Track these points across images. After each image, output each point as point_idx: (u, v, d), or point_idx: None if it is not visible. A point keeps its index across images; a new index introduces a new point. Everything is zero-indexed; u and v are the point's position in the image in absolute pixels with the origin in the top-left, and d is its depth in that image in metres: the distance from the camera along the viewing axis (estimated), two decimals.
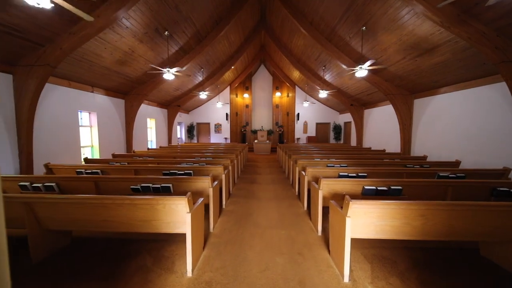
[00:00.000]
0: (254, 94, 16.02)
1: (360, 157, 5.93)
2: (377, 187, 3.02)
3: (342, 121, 13.53)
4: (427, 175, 3.93)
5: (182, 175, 3.87)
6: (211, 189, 3.15)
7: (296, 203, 4.38)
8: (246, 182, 6.21)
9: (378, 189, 2.99)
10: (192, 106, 14.04)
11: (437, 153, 6.02)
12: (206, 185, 3.17)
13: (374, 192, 2.99)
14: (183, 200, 2.15)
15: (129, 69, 6.38)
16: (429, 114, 6.42)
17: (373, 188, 2.98)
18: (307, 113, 14.22)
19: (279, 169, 8.27)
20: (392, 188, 2.97)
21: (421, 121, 6.73)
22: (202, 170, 4.09)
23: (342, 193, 3.08)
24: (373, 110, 9.55)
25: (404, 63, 5.81)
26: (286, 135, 15.46)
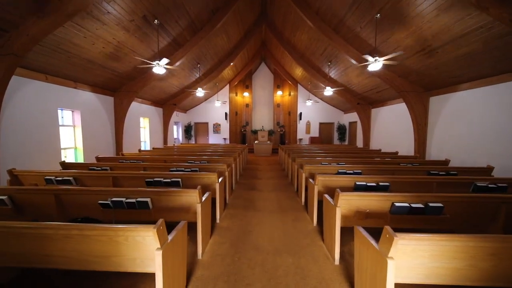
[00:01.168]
0: (255, 93, 15.38)
1: (372, 161, 5.26)
2: (410, 203, 2.35)
3: (346, 121, 12.86)
4: (460, 185, 3.25)
5: (167, 184, 3.21)
6: (200, 204, 2.49)
7: (303, 217, 3.72)
8: (245, 188, 5.56)
9: (412, 207, 2.32)
10: (190, 105, 13.40)
11: (459, 157, 5.34)
12: (194, 199, 2.51)
13: (407, 210, 2.33)
14: (149, 231, 1.48)
15: (116, 63, 5.72)
16: (447, 113, 5.74)
17: (405, 205, 2.31)
18: (310, 112, 13.56)
19: (281, 173, 7.62)
20: (430, 205, 2.30)
21: (438, 121, 6.06)
22: (193, 178, 3.43)
23: (366, 210, 2.41)
24: (382, 109, 8.87)
25: (422, 56, 5.14)
26: (288, 136, 14.82)
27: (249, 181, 6.29)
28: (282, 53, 10.68)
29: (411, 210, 2.33)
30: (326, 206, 2.73)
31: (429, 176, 3.66)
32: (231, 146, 10.04)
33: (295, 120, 13.96)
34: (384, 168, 4.32)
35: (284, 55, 10.67)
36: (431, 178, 3.40)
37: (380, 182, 3.13)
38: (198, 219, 2.48)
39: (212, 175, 3.44)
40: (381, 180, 3.22)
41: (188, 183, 3.42)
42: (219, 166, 4.35)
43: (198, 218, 2.48)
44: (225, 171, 4.24)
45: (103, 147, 6.65)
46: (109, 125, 6.95)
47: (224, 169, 4.26)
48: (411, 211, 2.33)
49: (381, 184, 3.11)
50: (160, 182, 3.25)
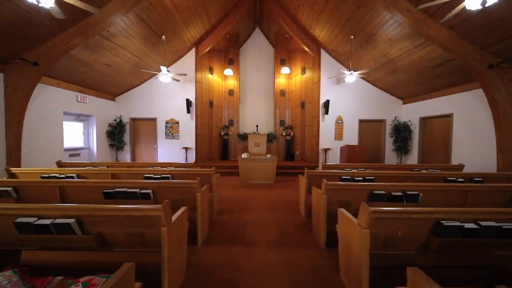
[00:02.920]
0: (244, 74, 9.56)
1: None
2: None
3: (411, 116, 7.50)
4: None
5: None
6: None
7: None
8: None
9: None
10: (119, 87, 7.09)
11: None
12: None
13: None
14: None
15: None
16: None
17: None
18: (343, 101, 8.31)
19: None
20: None
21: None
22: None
23: None
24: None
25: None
26: (300, 143, 8.70)
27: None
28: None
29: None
30: None
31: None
32: (182, 171, 3.88)
33: (315, 116, 7.88)
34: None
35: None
36: None
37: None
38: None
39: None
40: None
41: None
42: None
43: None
44: None
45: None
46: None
47: None
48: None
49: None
50: None
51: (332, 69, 7.77)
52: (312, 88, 8.43)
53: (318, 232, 2.96)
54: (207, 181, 3.70)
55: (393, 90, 7.66)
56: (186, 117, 7.96)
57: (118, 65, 6.24)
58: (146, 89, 7.96)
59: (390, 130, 7.91)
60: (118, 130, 7.57)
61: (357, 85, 7.87)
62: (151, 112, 8.00)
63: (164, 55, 6.91)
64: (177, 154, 7.95)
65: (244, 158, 6.46)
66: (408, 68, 6.04)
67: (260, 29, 9.83)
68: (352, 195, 2.74)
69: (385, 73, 6.84)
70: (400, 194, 2.72)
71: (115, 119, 7.75)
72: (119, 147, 7.74)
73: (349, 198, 2.74)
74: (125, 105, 8.00)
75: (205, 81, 8.69)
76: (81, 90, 6.45)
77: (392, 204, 2.69)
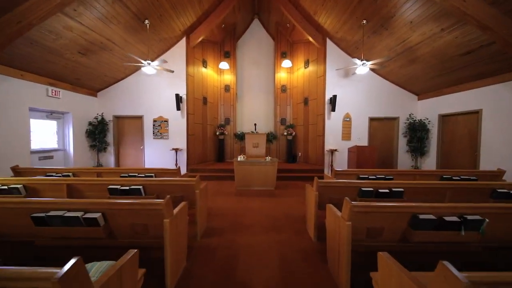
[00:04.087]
0: (242, 69, 8.79)
1: None
2: None
3: (428, 113, 6.84)
4: None
5: None
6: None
7: None
8: None
9: None
10: (99, 81, 6.32)
11: None
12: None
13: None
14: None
15: None
16: None
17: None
18: (351, 96, 7.35)
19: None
20: None
21: None
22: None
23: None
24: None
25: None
26: (302, 143, 7.98)
27: None
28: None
29: None
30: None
31: None
32: (158, 182, 3.24)
33: (320, 113, 7.08)
34: None
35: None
36: None
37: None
38: None
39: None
40: None
41: None
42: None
43: None
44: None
45: None
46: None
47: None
48: None
49: None
50: None
51: (339, 61, 6.90)
52: (316, 83, 7.60)
53: (337, 268, 2.10)
54: (189, 194, 2.91)
55: (408, 84, 6.82)
56: (176, 114, 7.11)
57: (94, 54, 5.35)
58: (131, 84, 7.06)
59: (404, 129, 7.08)
60: (100, 129, 6.69)
61: (367, 79, 7.03)
62: (137, 109, 7.11)
63: (149, 44, 6.07)
64: (167, 156, 7.09)
65: (241, 161, 5.65)
66: (430, 57, 5.20)
67: (259, 20, 9.02)
68: (388, 220, 1.90)
69: (401, 64, 6.01)
70: (457, 220, 1.93)
71: (96, 117, 6.89)
72: (101, 149, 6.87)
73: (383, 225, 1.95)
74: (108, 101, 7.12)
75: (197, 75, 7.84)
76: (53, 83, 5.59)
77: (448, 234, 1.87)
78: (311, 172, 7.12)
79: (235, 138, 8.76)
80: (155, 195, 2.89)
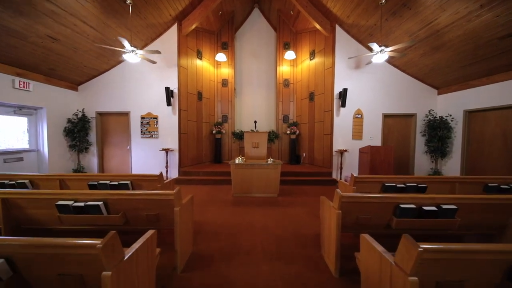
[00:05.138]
0: (241, 62, 8.11)
1: None
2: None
3: (451, 109, 6.17)
4: None
5: None
6: None
7: None
8: None
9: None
10: (79, 72, 5.65)
11: None
12: None
13: None
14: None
15: None
16: None
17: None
18: (363, 90, 6.65)
19: None
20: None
21: None
22: None
23: None
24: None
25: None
26: (307, 143, 7.29)
27: None
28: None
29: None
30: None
31: None
32: (126, 195, 3.19)
33: (327, 110, 6.37)
34: None
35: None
36: None
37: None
38: None
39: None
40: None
41: None
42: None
43: None
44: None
45: None
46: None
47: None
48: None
49: None
50: None
51: (350, 51, 6.12)
52: (323, 76, 6.81)
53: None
54: (166, 212, 2.18)
55: (428, 77, 6.02)
56: (167, 111, 6.32)
57: (68, 39, 4.59)
58: (116, 76, 6.27)
59: (422, 127, 6.33)
60: (80, 127, 5.92)
61: (381, 71, 6.26)
62: (123, 105, 6.31)
63: (134, 30, 5.28)
64: (156, 157, 6.30)
65: (238, 164, 4.92)
66: (460, 43, 4.42)
67: (259, 9, 8.27)
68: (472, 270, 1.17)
69: (423, 53, 5.23)
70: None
71: (76, 113, 6.10)
72: (82, 149, 6.10)
73: (462, 276, 1.23)
74: (90, 96, 6.32)
75: (191, 68, 7.03)
76: (21, 73, 4.81)
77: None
78: (318, 176, 6.38)
79: (233, 137, 8.02)
80: (121, 213, 2.16)
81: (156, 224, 2.25)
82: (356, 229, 2.22)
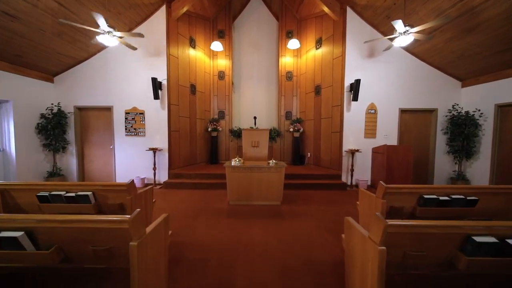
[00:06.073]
0: (239, 54, 7.62)
1: None
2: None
3: (479, 103, 5.44)
4: None
5: None
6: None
7: None
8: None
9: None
10: (53, 60, 5.33)
11: None
12: None
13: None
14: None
15: None
16: None
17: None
18: (376, 81, 5.93)
19: None
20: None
21: None
22: None
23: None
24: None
25: None
26: (312, 142, 6.65)
27: None
28: None
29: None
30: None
31: None
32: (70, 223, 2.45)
33: (336, 104, 5.64)
34: None
35: None
36: None
37: None
38: None
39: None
40: None
41: None
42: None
43: None
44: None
45: None
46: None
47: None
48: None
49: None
50: None
51: (363, 37, 5.33)
52: (332, 66, 6.03)
53: None
54: (121, 246, 1.50)
55: (452, 66, 5.24)
56: (155, 105, 5.57)
57: (30, 17, 3.82)
58: (98, 66, 5.52)
59: (443, 123, 5.60)
60: (54, 123, 5.19)
61: (397, 60, 5.48)
62: (105, 99, 5.57)
63: (114, 11, 4.51)
64: (144, 157, 5.56)
65: (235, 167, 4.22)
66: (501, 22, 3.65)
67: None
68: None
69: (451, 36, 4.45)
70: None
71: (51, 108, 5.36)
72: (58, 148, 5.36)
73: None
74: (68, 88, 5.56)
75: (183, 57, 6.23)
76: None
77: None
78: (325, 178, 5.66)
79: (231, 135, 7.31)
80: (56, 246, 1.49)
81: (108, 261, 1.57)
82: (400, 269, 1.54)
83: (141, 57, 5.54)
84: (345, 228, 1.95)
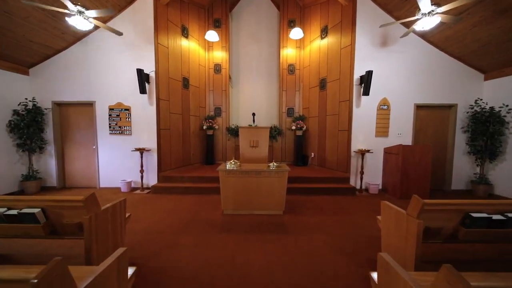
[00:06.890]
0: (237, 46, 7.06)
1: None
2: None
3: (504, 98, 4.79)
4: None
5: None
6: None
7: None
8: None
9: None
10: (26, 50, 4.89)
11: None
12: None
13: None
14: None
15: None
16: None
17: None
18: (389, 74, 5.28)
19: None
20: None
21: None
22: None
23: None
24: None
25: None
26: (316, 141, 6.10)
27: None
28: None
29: None
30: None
31: None
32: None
33: (344, 99, 5.09)
34: None
35: None
36: None
37: None
38: None
39: None
40: None
41: None
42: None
43: None
44: None
45: None
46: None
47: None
48: None
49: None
50: None
51: (376, 22, 4.75)
52: (339, 57, 5.43)
53: None
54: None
55: (476, 56, 4.64)
56: (142, 101, 4.99)
57: None
58: (78, 57, 4.93)
59: (464, 121, 5.04)
60: (29, 121, 4.61)
61: (413, 50, 4.88)
62: (87, 93, 4.98)
63: None
64: (130, 158, 5.00)
65: (230, 170, 3.70)
66: None
67: None
68: None
69: (478, 20, 3.83)
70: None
71: (25, 103, 4.76)
72: (35, 149, 4.79)
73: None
74: (45, 81, 4.98)
75: (174, 47, 5.62)
76: None
77: None
78: (332, 182, 5.09)
79: (228, 133, 6.77)
80: None
81: None
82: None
83: (127, 47, 4.93)
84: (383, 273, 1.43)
